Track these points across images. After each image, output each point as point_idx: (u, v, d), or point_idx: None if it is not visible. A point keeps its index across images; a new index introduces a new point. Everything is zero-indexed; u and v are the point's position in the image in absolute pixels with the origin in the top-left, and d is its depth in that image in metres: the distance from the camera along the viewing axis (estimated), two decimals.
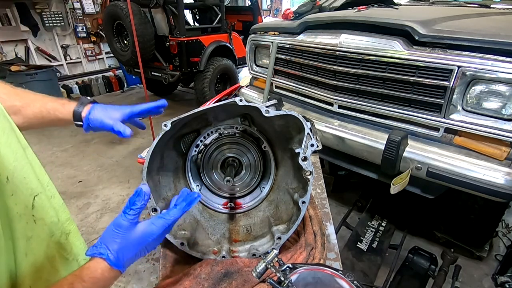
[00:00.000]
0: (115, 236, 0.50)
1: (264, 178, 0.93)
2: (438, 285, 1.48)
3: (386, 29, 1.43)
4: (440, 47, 1.30)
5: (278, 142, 0.87)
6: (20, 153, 0.58)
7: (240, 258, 0.76)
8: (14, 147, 0.57)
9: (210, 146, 0.89)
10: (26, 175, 0.59)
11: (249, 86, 2.40)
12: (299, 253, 0.76)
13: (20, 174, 0.57)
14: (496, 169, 1.20)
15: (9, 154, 0.55)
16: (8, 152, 0.55)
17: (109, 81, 5.83)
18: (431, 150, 1.36)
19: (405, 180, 1.37)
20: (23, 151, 0.60)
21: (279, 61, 1.99)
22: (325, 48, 1.63)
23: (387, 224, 1.94)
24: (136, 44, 3.03)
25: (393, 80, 1.44)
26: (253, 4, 6.03)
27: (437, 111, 1.36)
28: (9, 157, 0.55)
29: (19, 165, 0.58)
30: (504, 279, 1.65)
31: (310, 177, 0.70)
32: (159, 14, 4.29)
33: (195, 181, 0.92)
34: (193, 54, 4.33)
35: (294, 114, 0.71)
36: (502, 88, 1.21)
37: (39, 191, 0.62)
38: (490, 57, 1.19)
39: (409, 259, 1.64)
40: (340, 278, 0.60)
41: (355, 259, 1.68)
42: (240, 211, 0.93)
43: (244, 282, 0.67)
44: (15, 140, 0.58)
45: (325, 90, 1.75)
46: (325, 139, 1.66)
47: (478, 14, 1.67)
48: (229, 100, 0.71)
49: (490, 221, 1.76)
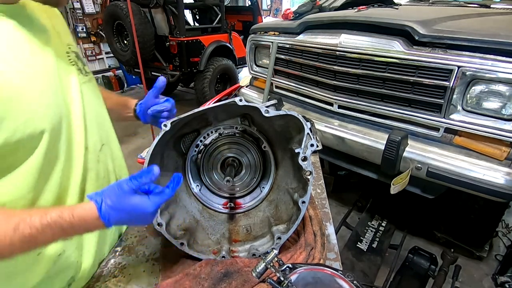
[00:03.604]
0: (113, 194, 0.53)
1: (264, 178, 0.93)
2: (438, 285, 1.49)
3: (386, 29, 1.43)
4: (440, 47, 1.30)
5: (278, 142, 0.87)
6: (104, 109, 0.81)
7: (240, 258, 0.76)
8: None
9: (210, 146, 0.89)
10: (104, 123, 0.79)
11: (249, 86, 2.40)
12: (299, 253, 0.76)
13: (100, 118, 0.77)
14: (496, 169, 1.20)
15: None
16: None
17: (109, 81, 5.83)
18: (431, 150, 1.36)
19: (405, 180, 1.38)
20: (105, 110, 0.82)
21: (279, 61, 1.99)
22: (325, 48, 1.63)
23: (387, 224, 1.94)
24: (136, 44, 3.04)
25: (393, 80, 1.44)
26: (253, 4, 6.03)
27: (437, 111, 1.36)
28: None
29: (103, 113, 0.80)
30: (504, 279, 1.65)
31: (310, 177, 0.69)
32: (159, 14, 4.29)
33: (195, 181, 0.92)
34: (193, 54, 4.33)
35: (294, 114, 0.71)
36: (502, 88, 1.21)
37: (105, 142, 0.76)
38: (490, 57, 1.19)
39: (409, 259, 1.64)
40: (340, 278, 0.60)
41: (355, 259, 1.68)
42: (240, 211, 0.93)
43: (244, 282, 0.67)
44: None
45: (325, 90, 1.75)
46: (325, 139, 1.66)
47: (478, 14, 1.67)
48: (229, 100, 0.71)
49: (490, 221, 1.76)
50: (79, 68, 0.71)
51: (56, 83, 0.61)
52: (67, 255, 0.67)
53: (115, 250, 0.83)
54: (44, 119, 0.55)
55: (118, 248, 0.84)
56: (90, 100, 0.72)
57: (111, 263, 0.78)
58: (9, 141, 0.50)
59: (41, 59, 0.59)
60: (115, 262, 0.79)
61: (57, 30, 0.68)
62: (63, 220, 0.51)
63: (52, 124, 0.57)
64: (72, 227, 0.51)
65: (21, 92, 0.52)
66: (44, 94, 0.56)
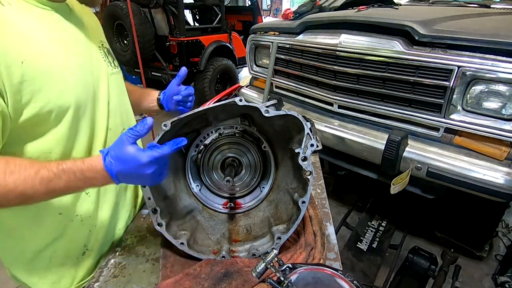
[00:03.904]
0: (115, 145, 0.59)
1: (264, 178, 0.93)
2: (438, 285, 1.49)
3: (386, 29, 1.43)
4: (440, 47, 1.30)
5: (278, 142, 0.87)
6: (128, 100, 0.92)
7: (240, 258, 0.76)
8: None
9: (210, 146, 0.89)
10: (126, 112, 0.89)
11: (249, 86, 2.40)
12: (299, 253, 0.76)
13: (123, 107, 0.86)
14: (496, 169, 1.20)
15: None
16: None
17: None
18: (431, 150, 1.36)
19: (405, 180, 1.37)
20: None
21: (279, 61, 1.99)
22: (325, 48, 1.63)
23: (387, 224, 1.94)
24: (136, 44, 3.04)
25: (393, 80, 1.44)
26: (253, 4, 6.03)
27: (437, 111, 1.36)
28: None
29: (126, 103, 0.89)
30: (504, 279, 1.65)
31: (310, 177, 0.69)
32: (159, 14, 4.29)
33: (195, 181, 0.92)
34: (193, 54, 4.33)
35: (294, 114, 0.70)
36: (502, 88, 1.21)
37: (126, 127, 0.82)
38: (490, 57, 1.19)
39: (409, 259, 1.64)
40: (340, 278, 0.60)
41: (355, 259, 1.68)
42: (240, 211, 0.93)
43: (244, 282, 0.67)
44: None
45: (325, 90, 1.74)
46: (325, 139, 1.66)
47: (478, 14, 1.67)
48: (229, 100, 0.71)
49: (490, 221, 1.76)
50: (109, 61, 0.82)
51: (86, 68, 0.71)
52: (82, 219, 0.76)
53: (115, 250, 0.83)
54: (72, 95, 0.65)
55: (118, 248, 0.84)
56: (115, 90, 0.82)
57: (111, 263, 0.78)
58: (43, 110, 0.60)
59: (77, 46, 0.71)
60: (115, 262, 0.79)
61: (92, 27, 0.81)
62: (76, 166, 0.57)
63: (77, 100, 0.66)
64: (82, 174, 0.57)
65: (57, 70, 0.62)
66: (75, 74, 0.66)
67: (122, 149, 0.57)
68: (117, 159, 0.57)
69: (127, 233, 0.89)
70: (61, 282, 0.77)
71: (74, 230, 0.76)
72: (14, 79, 0.55)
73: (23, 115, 0.58)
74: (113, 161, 0.57)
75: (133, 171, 0.58)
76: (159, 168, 0.59)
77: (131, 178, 0.60)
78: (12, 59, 0.55)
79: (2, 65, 0.54)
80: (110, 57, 0.84)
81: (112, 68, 0.82)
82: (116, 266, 0.77)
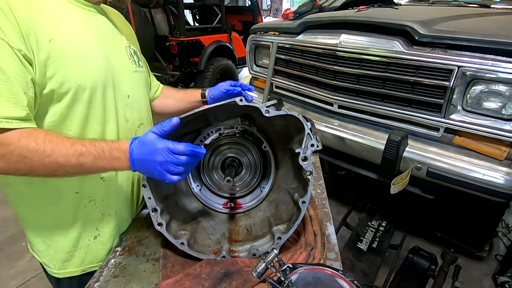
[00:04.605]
0: (143, 135, 0.66)
1: (264, 178, 0.93)
2: (438, 285, 1.49)
3: (386, 29, 1.43)
4: (440, 47, 1.30)
5: (278, 142, 0.87)
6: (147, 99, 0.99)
7: (240, 258, 0.76)
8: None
9: (210, 146, 0.89)
10: (145, 110, 0.94)
11: None
12: (299, 253, 0.76)
13: (142, 104, 0.92)
14: (496, 169, 1.20)
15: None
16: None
17: None
18: (431, 150, 1.36)
19: (405, 180, 1.37)
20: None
21: (279, 61, 1.99)
22: (325, 48, 1.63)
23: (387, 224, 1.94)
24: None
25: (393, 80, 1.44)
26: (253, 4, 6.03)
27: (437, 111, 1.36)
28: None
29: (145, 101, 0.95)
30: (504, 279, 1.65)
31: (310, 177, 0.69)
32: (159, 14, 4.29)
33: (195, 181, 0.92)
34: (193, 54, 4.33)
35: (294, 114, 0.70)
36: (502, 88, 1.21)
37: (143, 123, 0.91)
38: (490, 57, 1.19)
39: (409, 259, 1.64)
40: (340, 278, 0.60)
41: (355, 259, 1.68)
42: (240, 211, 0.93)
43: (244, 282, 0.67)
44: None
45: (325, 90, 1.74)
46: (325, 139, 1.66)
47: (478, 14, 1.67)
48: (229, 100, 0.71)
49: (490, 221, 1.76)
50: (134, 60, 0.89)
51: (107, 58, 0.76)
52: (96, 202, 0.80)
53: (115, 250, 0.83)
54: (90, 79, 0.70)
55: (118, 248, 0.84)
56: (137, 85, 0.89)
57: (111, 263, 0.78)
58: (62, 87, 0.66)
59: (102, 38, 0.78)
60: (115, 262, 0.79)
61: (122, 30, 0.88)
62: (106, 144, 0.65)
63: (94, 84, 0.72)
64: (110, 152, 0.64)
65: (80, 54, 0.69)
66: (95, 60, 0.73)
67: (146, 135, 0.65)
68: (139, 142, 0.65)
69: (127, 233, 0.89)
70: (71, 261, 0.82)
71: (88, 212, 0.80)
72: (41, 54, 0.62)
73: (46, 88, 0.64)
74: (136, 144, 0.65)
75: (147, 157, 0.64)
76: (167, 162, 0.63)
77: (144, 164, 0.65)
78: (41, 36, 0.62)
79: (33, 39, 0.60)
80: (135, 57, 0.90)
81: (136, 66, 0.89)
82: (116, 266, 0.77)
